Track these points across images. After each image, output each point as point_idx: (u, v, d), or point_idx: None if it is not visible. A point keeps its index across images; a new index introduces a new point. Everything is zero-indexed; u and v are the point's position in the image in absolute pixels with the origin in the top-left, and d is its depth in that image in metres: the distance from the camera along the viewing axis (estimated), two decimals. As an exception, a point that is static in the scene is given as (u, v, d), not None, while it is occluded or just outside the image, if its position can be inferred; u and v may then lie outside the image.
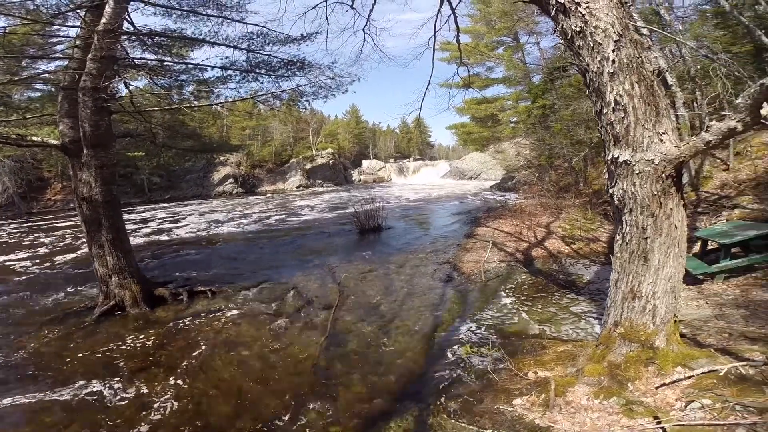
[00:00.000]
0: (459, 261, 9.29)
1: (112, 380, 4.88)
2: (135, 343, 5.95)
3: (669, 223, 3.47)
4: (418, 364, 4.95)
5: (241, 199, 34.39)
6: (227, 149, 26.24)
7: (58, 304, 7.79)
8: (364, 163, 58.13)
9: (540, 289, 7.26)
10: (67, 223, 19.90)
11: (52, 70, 9.33)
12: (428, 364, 4.89)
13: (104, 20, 6.31)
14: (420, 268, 9.13)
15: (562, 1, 3.48)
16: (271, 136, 46.75)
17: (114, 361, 5.44)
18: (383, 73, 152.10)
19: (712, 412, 2.81)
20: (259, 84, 9.05)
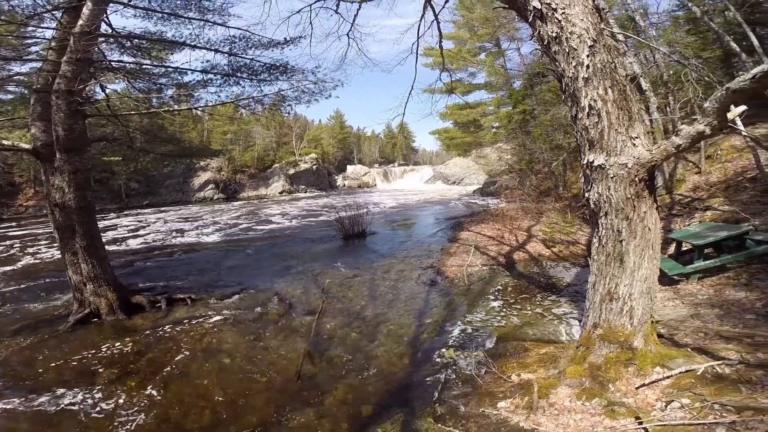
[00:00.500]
0: (443, 265, 9.33)
1: (86, 389, 4.70)
2: (111, 351, 5.75)
3: (643, 226, 3.55)
4: (404, 368, 4.92)
5: (223, 204, 33.88)
6: (208, 154, 25.82)
7: (30, 312, 7.48)
8: (349, 169, 58.08)
9: (522, 292, 7.34)
10: (40, 230, 19.21)
11: (25, 73, 9.03)
12: (413, 369, 4.87)
13: (81, 22, 6.15)
14: (404, 272, 9.12)
15: (540, 7, 3.52)
16: (254, 140, 46.28)
17: (88, 369, 5.24)
18: (367, 78, 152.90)
19: (691, 412, 2.86)
20: (240, 88, 8.94)
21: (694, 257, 6.48)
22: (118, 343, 5.98)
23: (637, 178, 3.44)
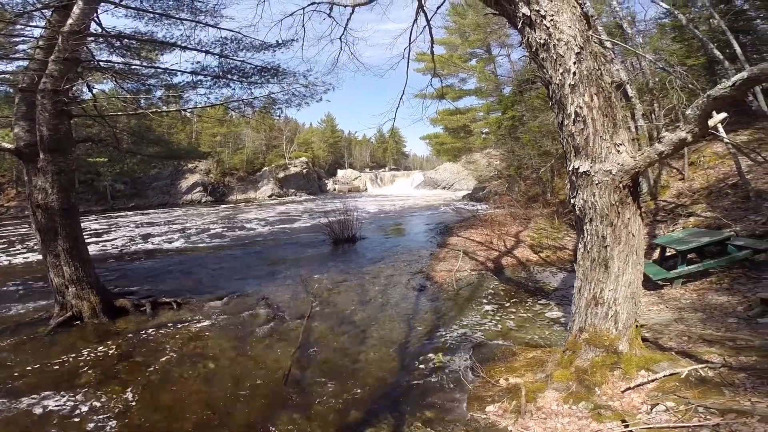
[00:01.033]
0: (432, 270, 9.35)
1: (65, 394, 4.57)
2: (92, 355, 5.61)
3: (627, 232, 3.59)
4: (393, 373, 4.90)
5: (210, 208, 33.48)
6: (196, 156, 25.53)
7: (10, 315, 7.28)
8: (339, 173, 57.99)
9: (510, 297, 7.38)
10: (22, 231, 18.77)
11: (10, 71, 8.86)
12: (403, 374, 4.85)
13: (71, 21, 6.06)
14: (394, 277, 9.11)
15: (529, 14, 3.57)
16: (243, 143, 45.95)
17: (68, 373, 5.11)
18: (359, 83, 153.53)
19: (676, 415, 2.90)
20: (230, 90, 8.89)
21: (678, 262, 6.61)
22: (100, 347, 5.84)
23: (621, 185, 3.49)
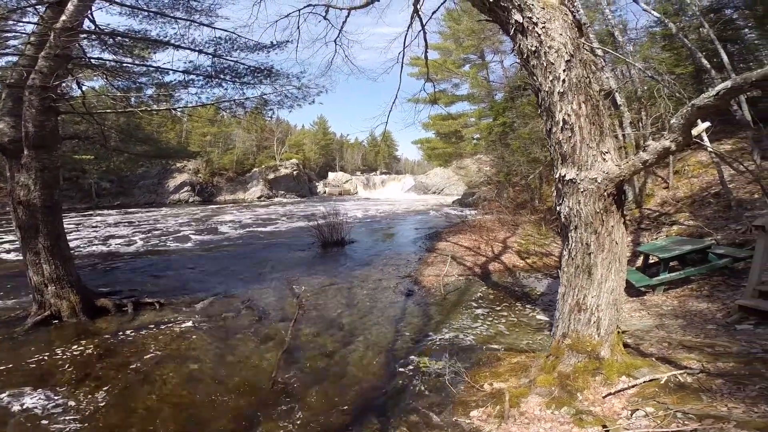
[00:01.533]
0: (420, 275, 9.37)
1: (39, 394, 4.44)
2: (68, 355, 5.47)
3: (610, 240, 3.65)
4: (379, 377, 4.88)
5: (198, 208, 33.11)
6: (185, 155, 25.25)
7: (-16, 314, 7.07)
8: (330, 175, 57.86)
9: (496, 302, 7.43)
10: (1, 228, 18.30)
11: (-1, 66, 8.65)
12: (389, 378, 4.84)
13: (64, 18, 5.97)
14: (382, 281, 9.10)
15: (521, 21, 3.59)
16: (234, 143, 45.63)
17: (44, 373, 4.97)
18: (353, 86, 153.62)
19: (656, 420, 2.95)
20: (222, 90, 8.79)
21: (660, 269, 6.74)
22: (79, 347, 5.69)
23: (605, 193, 3.54)
